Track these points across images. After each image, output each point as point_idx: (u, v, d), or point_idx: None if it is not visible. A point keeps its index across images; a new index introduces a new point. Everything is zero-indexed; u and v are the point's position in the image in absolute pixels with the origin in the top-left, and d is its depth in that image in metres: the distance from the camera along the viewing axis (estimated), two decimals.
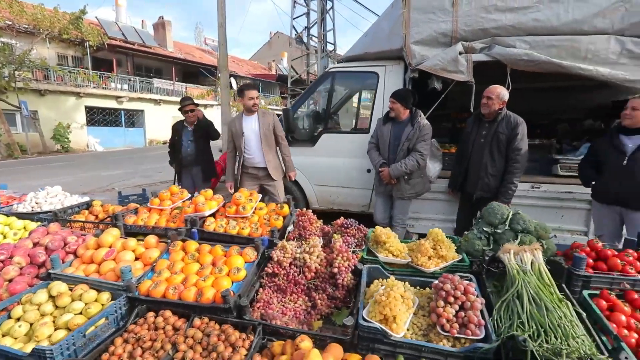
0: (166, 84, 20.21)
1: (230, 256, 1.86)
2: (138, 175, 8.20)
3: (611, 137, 2.46)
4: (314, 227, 2.07)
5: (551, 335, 1.26)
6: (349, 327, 1.44)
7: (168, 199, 2.50)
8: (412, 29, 3.12)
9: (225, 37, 7.13)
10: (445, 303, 1.42)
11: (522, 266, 1.52)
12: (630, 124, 2.35)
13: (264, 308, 1.64)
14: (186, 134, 4.20)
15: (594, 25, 2.75)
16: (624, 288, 1.53)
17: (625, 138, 2.39)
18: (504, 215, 1.78)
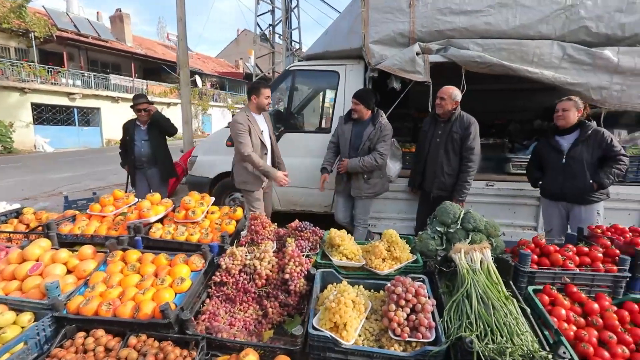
0: (125, 81, 19.03)
1: (174, 265, 1.72)
2: (90, 178, 7.61)
3: (548, 138, 2.60)
4: (267, 231, 1.97)
5: (497, 334, 1.27)
6: (298, 337, 1.37)
7: (111, 205, 2.30)
8: (371, 28, 3.12)
9: (185, 32, 6.80)
10: (396, 307, 1.40)
11: (472, 265, 1.53)
12: (564, 125, 2.50)
13: (209, 320, 1.53)
14: (139, 133, 3.93)
15: (538, 30, 2.89)
16: (564, 282, 1.59)
17: (560, 138, 2.54)
18: (456, 214, 1.79)
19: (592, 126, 2.45)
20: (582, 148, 2.44)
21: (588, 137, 2.43)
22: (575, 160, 2.45)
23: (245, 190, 2.98)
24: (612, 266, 1.60)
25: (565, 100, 2.50)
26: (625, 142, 3.20)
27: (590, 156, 2.42)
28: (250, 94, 2.90)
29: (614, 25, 2.78)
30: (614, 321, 1.39)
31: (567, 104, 2.48)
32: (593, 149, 2.41)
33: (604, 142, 2.38)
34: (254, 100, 2.89)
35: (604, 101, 2.89)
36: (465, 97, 2.86)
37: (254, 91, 2.88)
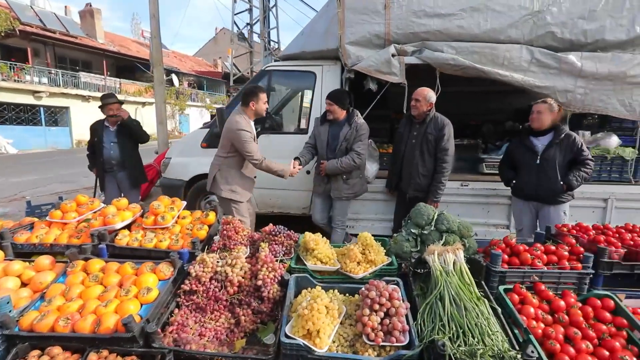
0: (96, 79, 18.22)
1: (141, 275, 1.63)
2: (58, 181, 7.21)
3: (522, 139, 2.69)
4: (240, 236, 1.92)
5: (469, 335, 1.28)
6: (270, 346, 1.33)
7: (73, 211, 2.16)
8: (347, 29, 3.12)
9: (159, 29, 6.58)
10: (370, 311, 1.38)
11: (445, 267, 1.54)
12: (538, 126, 2.59)
13: (177, 332, 1.46)
14: (108, 135, 3.76)
15: (508, 35, 2.98)
16: (533, 280, 1.63)
17: (534, 139, 2.64)
18: (430, 216, 1.81)
19: (565, 130, 2.57)
20: (555, 150, 2.54)
21: (561, 140, 2.53)
22: (549, 161, 2.55)
23: (234, 200, 2.80)
24: (577, 264, 1.65)
25: (540, 103, 2.59)
26: (589, 143, 3.35)
27: (562, 158, 2.53)
28: (249, 100, 2.71)
29: (577, 31, 2.91)
30: (578, 317, 1.43)
31: (541, 107, 2.57)
32: (565, 152, 2.52)
33: (575, 146, 2.50)
34: (252, 107, 2.72)
35: (569, 104, 3.02)
36: (441, 98, 2.92)
37: (253, 97, 2.71)
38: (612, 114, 3.02)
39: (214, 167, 2.86)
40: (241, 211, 2.87)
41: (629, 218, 3.19)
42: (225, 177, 2.80)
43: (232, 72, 9.98)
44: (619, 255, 1.69)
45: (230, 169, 2.79)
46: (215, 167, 2.85)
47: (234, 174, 2.80)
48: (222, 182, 2.80)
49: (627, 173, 3.20)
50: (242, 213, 2.87)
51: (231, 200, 2.82)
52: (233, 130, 2.64)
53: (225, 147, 2.77)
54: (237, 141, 2.64)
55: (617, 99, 2.96)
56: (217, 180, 2.82)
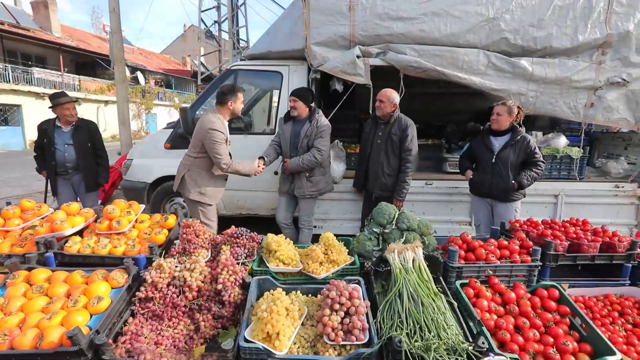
0: (52, 75, 16.98)
1: (91, 283, 1.54)
2: (9, 185, 6.65)
3: (483, 138, 2.82)
4: (201, 239, 1.87)
5: (426, 330, 1.32)
6: (228, 351, 1.30)
7: (17, 217, 2.00)
8: (313, 30, 3.12)
9: (120, 24, 6.25)
10: (331, 311, 1.39)
11: (404, 264, 1.58)
12: (497, 127, 2.74)
13: (130, 342, 1.39)
14: (61, 136, 3.51)
15: (467, 39, 3.12)
16: (487, 274, 1.71)
17: (493, 139, 2.79)
18: (391, 215, 1.85)
19: (522, 132, 2.71)
20: (509, 151, 2.69)
21: (517, 142, 2.68)
22: (503, 161, 2.70)
23: (201, 202, 2.70)
24: (526, 257, 1.76)
25: (500, 105, 2.73)
26: (540, 142, 3.58)
27: (515, 159, 2.68)
28: (227, 99, 2.59)
29: (528, 38, 3.10)
30: (527, 307, 1.52)
31: (500, 109, 2.71)
32: (519, 153, 2.67)
33: (528, 148, 2.65)
34: (229, 106, 2.62)
35: (522, 106, 3.18)
36: (407, 99, 3.00)
37: (231, 96, 2.60)
38: (560, 116, 3.25)
39: (183, 167, 2.73)
40: (208, 214, 2.77)
41: (577, 212, 3.47)
42: (194, 179, 2.68)
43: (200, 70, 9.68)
44: (563, 248, 1.81)
45: (200, 170, 2.68)
46: (184, 167, 2.71)
47: (204, 176, 2.69)
48: (191, 183, 2.68)
49: (574, 171, 3.45)
50: (209, 216, 2.77)
51: (199, 203, 2.71)
52: (205, 130, 2.54)
53: (196, 147, 2.64)
54: (208, 141, 2.54)
55: (563, 102, 3.19)
56: (185, 181, 2.70)
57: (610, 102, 3.16)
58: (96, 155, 3.58)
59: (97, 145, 3.60)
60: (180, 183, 2.74)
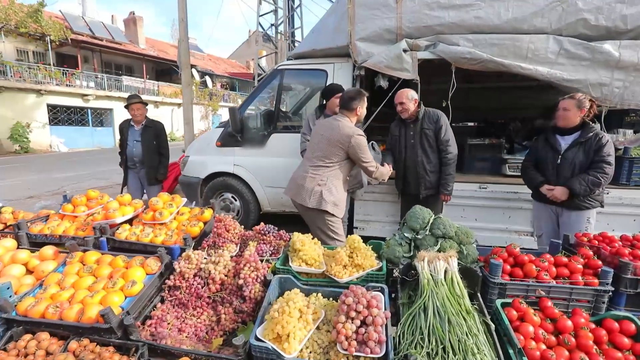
0: (136, 82, 19.46)
1: (129, 268, 1.67)
2: (95, 177, 7.77)
3: (547, 136, 2.44)
4: (231, 234, 1.91)
5: (450, 352, 1.17)
6: (239, 347, 1.30)
7: (83, 205, 2.28)
8: (357, 25, 3.02)
9: (187, 33, 6.85)
10: (346, 318, 1.30)
11: (434, 275, 1.42)
12: (565, 124, 2.35)
13: (155, 326, 1.47)
14: (132, 134, 3.96)
15: (533, 24, 2.73)
16: (539, 295, 1.45)
17: (560, 138, 2.39)
18: (425, 219, 1.69)
19: (595, 128, 2.29)
20: (578, 150, 2.29)
21: (588, 140, 2.27)
22: (570, 161, 2.31)
23: (333, 215, 2.42)
24: (593, 279, 1.46)
25: (567, 99, 2.32)
26: (631, 142, 2.98)
27: (585, 159, 2.27)
28: (355, 105, 2.38)
29: (615, 17, 2.60)
30: (587, 341, 1.26)
31: (568, 103, 2.30)
32: (588, 153, 2.26)
33: (598, 144, 2.23)
34: (357, 112, 2.40)
35: (604, 99, 2.71)
36: (465, 94, 2.75)
37: (359, 101, 2.38)
38: None
39: (311, 180, 2.41)
40: (336, 227, 2.47)
41: None
42: (330, 190, 2.39)
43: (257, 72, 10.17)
44: None
45: (335, 180, 2.42)
46: (314, 180, 2.40)
47: (339, 187, 2.43)
48: (328, 195, 2.38)
49: None
50: (337, 229, 2.47)
51: (329, 215, 2.41)
52: (350, 136, 2.30)
53: (333, 156, 2.37)
54: (355, 148, 2.31)
55: None
56: (318, 194, 2.37)
57: None
58: (159, 153, 3.95)
59: (161, 144, 3.96)
60: (313, 198, 2.39)
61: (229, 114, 3.52)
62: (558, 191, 2.32)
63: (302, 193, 2.43)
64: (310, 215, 2.48)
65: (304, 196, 2.42)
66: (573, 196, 2.28)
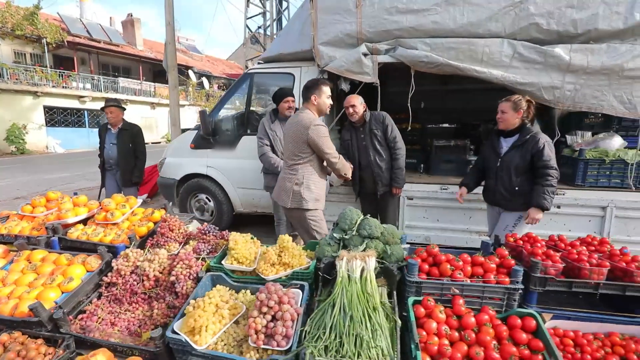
0: (133, 84, 19.60)
1: (70, 265, 1.75)
2: (85, 178, 7.87)
3: (492, 139, 2.49)
4: (175, 233, 1.99)
5: (346, 345, 1.23)
6: (156, 339, 1.37)
7: (42, 206, 2.36)
8: (320, 30, 3.09)
9: (174, 36, 6.95)
10: (258, 313, 1.37)
11: (350, 274, 1.48)
12: (503, 127, 2.39)
13: (86, 320, 1.55)
14: (109, 136, 4.04)
15: (488, 28, 2.78)
16: (453, 293, 1.51)
17: (502, 140, 2.43)
18: (353, 220, 1.75)
19: (532, 131, 2.32)
20: (515, 153, 2.32)
21: (525, 142, 2.29)
22: (507, 164, 2.35)
23: (316, 210, 2.37)
24: (505, 277, 1.51)
25: (504, 101, 2.37)
26: (588, 144, 3.03)
27: (522, 162, 2.29)
28: (310, 93, 2.32)
29: (565, 21, 2.65)
30: (486, 336, 1.32)
31: (504, 106, 2.35)
32: (525, 154, 2.28)
33: (536, 147, 2.24)
34: (314, 101, 2.32)
35: (557, 101, 2.76)
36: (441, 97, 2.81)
37: (314, 90, 2.32)
38: (608, 112, 2.70)
39: (287, 180, 2.38)
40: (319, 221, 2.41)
41: (633, 229, 2.87)
42: (308, 186, 2.33)
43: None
44: (556, 271, 1.52)
45: (310, 175, 2.35)
46: (290, 180, 2.36)
47: (316, 180, 2.36)
48: (307, 193, 2.31)
49: (628, 179, 2.84)
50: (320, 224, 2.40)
51: (311, 212, 2.35)
52: (307, 127, 2.24)
53: (300, 152, 2.32)
54: (314, 137, 2.23)
55: (613, 95, 2.65)
56: (298, 194, 2.31)
57: None
58: (135, 156, 4.01)
59: (137, 147, 4.02)
60: (291, 199, 2.34)
61: (199, 117, 3.60)
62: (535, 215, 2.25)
63: (282, 195, 2.41)
64: (293, 215, 2.45)
65: (284, 198, 2.39)
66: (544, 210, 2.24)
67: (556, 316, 1.52)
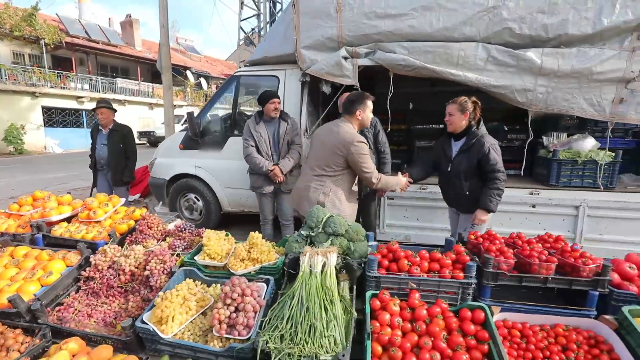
0: (131, 84, 19.71)
1: (51, 260, 1.84)
2: (80, 179, 7.96)
3: (442, 142, 2.55)
4: (153, 231, 2.08)
5: (303, 334, 1.32)
6: (126, 328, 1.46)
7: (29, 205, 2.45)
8: (302, 33, 3.17)
9: (168, 38, 7.04)
10: (222, 304, 1.46)
11: (312, 269, 1.57)
12: (452, 130, 2.41)
13: (63, 311, 1.64)
14: (100, 137, 4.12)
15: (463, 32, 2.87)
16: (411, 287, 1.59)
17: (453, 143, 2.47)
18: (320, 218, 1.83)
19: (477, 134, 2.33)
20: (463, 157, 2.35)
21: (471, 147, 2.31)
22: (457, 169, 2.38)
23: None
24: (460, 273, 1.60)
25: (450, 103, 2.38)
26: (562, 145, 3.11)
27: (468, 166, 2.32)
28: (355, 108, 2.26)
29: (537, 26, 2.73)
30: (436, 327, 1.40)
31: (451, 108, 2.35)
32: (472, 159, 2.30)
33: (482, 152, 2.26)
34: (358, 116, 2.27)
35: (529, 103, 2.84)
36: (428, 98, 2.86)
37: (359, 104, 2.26)
38: (579, 114, 2.79)
39: (314, 191, 2.29)
40: None
41: (605, 228, 2.96)
42: (333, 201, 2.27)
43: None
44: (508, 266, 1.60)
45: (338, 190, 2.29)
46: (317, 191, 2.28)
47: (342, 197, 2.30)
48: (330, 207, 2.24)
49: (602, 179, 2.93)
50: None
51: None
52: (349, 142, 2.17)
53: (334, 164, 2.25)
54: (355, 155, 2.18)
55: (583, 98, 2.73)
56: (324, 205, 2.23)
57: None
58: (125, 156, 4.10)
59: (127, 147, 4.10)
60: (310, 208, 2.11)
61: (187, 118, 3.68)
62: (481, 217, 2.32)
63: (305, 205, 2.31)
64: None
65: (306, 209, 2.26)
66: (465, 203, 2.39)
67: (507, 309, 1.61)
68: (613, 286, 1.58)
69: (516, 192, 3.09)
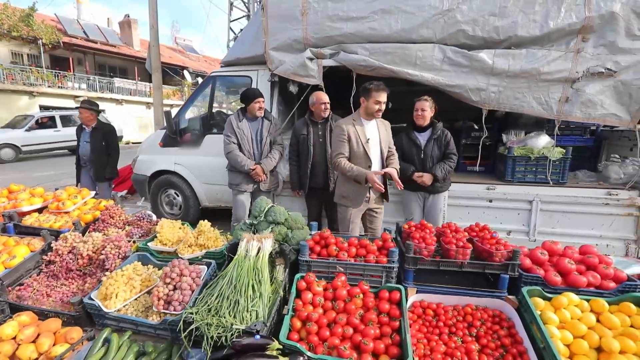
0: (129, 84, 19.90)
1: (16, 246, 2.00)
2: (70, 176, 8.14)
3: (408, 134, 2.88)
4: (115, 220, 2.23)
5: (228, 308, 1.47)
6: (75, 304, 1.61)
7: (4, 197, 2.61)
8: (270, 36, 3.32)
9: (158, 38, 7.19)
10: (163, 283, 1.61)
11: (247, 253, 1.72)
12: (422, 123, 2.82)
13: (22, 290, 1.80)
14: (83, 135, 4.28)
15: (420, 34, 3.00)
16: (338, 271, 1.74)
17: (418, 135, 2.85)
18: (262, 208, 1.98)
19: (440, 126, 2.80)
20: (434, 145, 2.78)
21: (439, 136, 2.77)
22: (429, 155, 2.78)
23: (342, 205, 2.58)
24: (383, 258, 1.74)
25: (423, 101, 2.76)
26: (518, 142, 3.24)
27: (439, 152, 2.78)
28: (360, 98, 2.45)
29: (489, 28, 2.86)
30: (352, 306, 1.55)
31: (425, 104, 2.75)
32: (441, 146, 2.77)
33: (446, 139, 2.80)
34: (362, 103, 2.44)
35: (483, 102, 2.98)
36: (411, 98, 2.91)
37: (364, 93, 2.41)
38: (529, 113, 2.92)
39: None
40: (345, 218, 2.55)
41: (557, 221, 3.09)
42: (339, 181, 2.64)
43: None
44: (429, 252, 1.74)
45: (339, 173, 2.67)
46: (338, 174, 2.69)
47: (343, 179, 2.58)
48: (339, 186, 2.63)
49: (554, 174, 3.06)
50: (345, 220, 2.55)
51: (339, 206, 2.60)
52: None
53: None
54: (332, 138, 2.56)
55: (532, 97, 2.87)
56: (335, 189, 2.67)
57: (591, 96, 2.75)
58: (108, 153, 4.25)
59: (109, 145, 4.26)
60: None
61: (164, 117, 3.83)
62: (426, 177, 2.77)
63: None
64: None
65: None
66: (435, 181, 2.77)
67: (430, 291, 1.75)
68: (524, 270, 1.72)
69: (474, 188, 3.22)
